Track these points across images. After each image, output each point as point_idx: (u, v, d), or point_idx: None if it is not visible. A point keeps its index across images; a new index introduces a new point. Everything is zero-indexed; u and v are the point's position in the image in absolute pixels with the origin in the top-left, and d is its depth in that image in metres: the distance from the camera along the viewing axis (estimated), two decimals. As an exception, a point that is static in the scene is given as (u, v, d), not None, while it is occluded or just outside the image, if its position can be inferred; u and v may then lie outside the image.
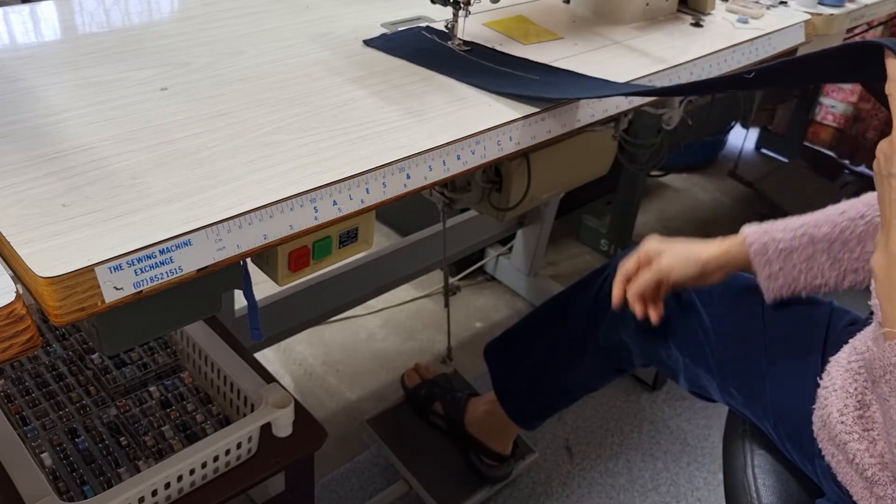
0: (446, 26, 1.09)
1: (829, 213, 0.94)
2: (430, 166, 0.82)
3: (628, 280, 1.04)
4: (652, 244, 1.03)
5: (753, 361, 0.97)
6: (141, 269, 0.63)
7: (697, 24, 1.25)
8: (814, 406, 0.86)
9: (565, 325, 1.22)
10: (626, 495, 1.49)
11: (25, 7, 1.07)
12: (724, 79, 0.85)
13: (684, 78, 1.11)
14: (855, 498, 0.78)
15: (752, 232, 0.97)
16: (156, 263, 0.64)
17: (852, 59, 0.78)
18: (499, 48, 1.07)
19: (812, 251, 0.93)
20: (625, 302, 1.05)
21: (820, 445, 0.83)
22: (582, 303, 1.19)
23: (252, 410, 0.96)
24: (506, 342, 1.35)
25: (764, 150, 2.83)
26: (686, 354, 1.04)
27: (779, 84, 0.90)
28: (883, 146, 0.72)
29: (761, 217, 0.99)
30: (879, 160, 0.73)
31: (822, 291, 0.94)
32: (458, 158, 0.85)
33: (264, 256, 0.83)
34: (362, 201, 0.77)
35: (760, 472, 0.93)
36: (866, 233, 0.90)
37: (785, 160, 2.75)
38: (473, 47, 1.06)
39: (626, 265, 1.04)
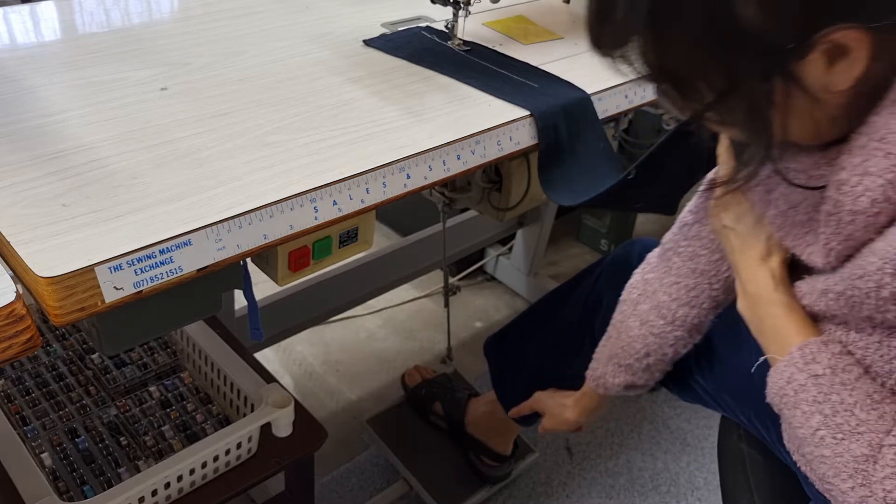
0: (446, 26, 1.09)
1: (618, 331, 1.02)
2: (430, 166, 0.82)
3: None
4: (540, 401, 1.18)
5: (742, 363, 0.97)
6: (141, 269, 0.63)
7: (697, 24, 1.25)
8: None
9: (562, 321, 1.22)
10: (626, 495, 1.49)
11: (25, 7, 1.07)
12: (614, 188, 0.93)
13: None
14: None
15: (591, 379, 1.07)
16: (156, 263, 0.64)
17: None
18: (499, 48, 1.07)
19: (628, 369, 1.01)
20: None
21: (793, 458, 0.82)
22: (578, 298, 1.20)
23: (252, 410, 0.96)
24: (504, 338, 1.35)
25: (764, 150, 2.82)
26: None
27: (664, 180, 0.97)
28: (714, 203, 0.80)
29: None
30: (713, 215, 0.82)
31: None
32: (458, 158, 0.85)
33: (264, 256, 0.83)
34: (362, 201, 0.77)
35: (756, 472, 0.93)
36: (637, 338, 0.98)
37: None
38: (473, 47, 1.06)
39: (520, 410, 1.23)
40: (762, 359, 0.79)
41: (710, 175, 0.87)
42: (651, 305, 0.95)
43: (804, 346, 0.72)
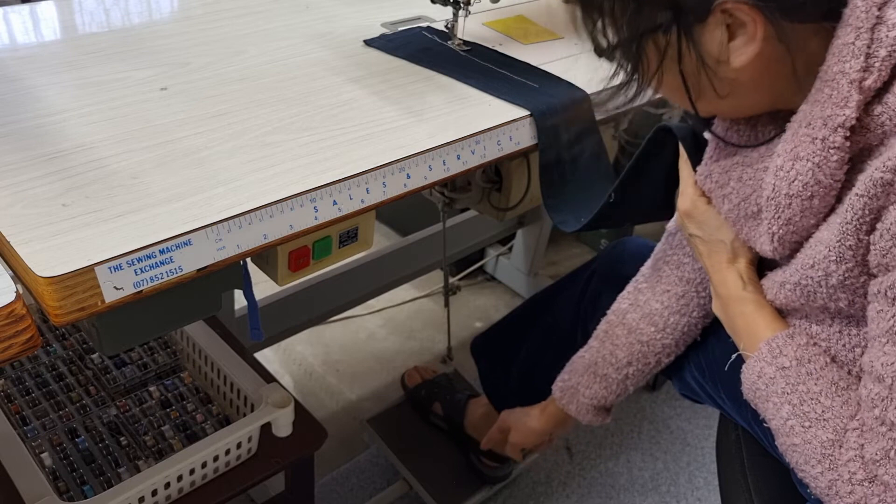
0: (446, 26, 1.09)
1: (601, 341, 1.02)
2: (430, 166, 0.82)
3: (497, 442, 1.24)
4: (505, 418, 1.21)
5: (739, 368, 0.97)
6: (141, 269, 0.63)
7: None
8: None
9: (554, 319, 1.22)
10: (626, 495, 1.49)
11: (25, 7, 1.07)
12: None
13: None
14: None
15: (558, 390, 1.07)
16: (156, 263, 0.64)
17: (661, 144, 0.90)
18: (499, 48, 1.07)
19: (603, 380, 1.02)
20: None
21: (786, 459, 0.82)
22: (570, 297, 1.20)
23: (252, 410, 0.96)
24: (494, 337, 1.35)
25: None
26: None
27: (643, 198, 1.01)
28: (678, 214, 0.85)
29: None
30: (680, 225, 0.86)
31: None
32: (458, 158, 0.85)
33: (264, 256, 0.83)
34: (362, 201, 0.77)
35: (754, 473, 0.92)
36: (622, 346, 0.99)
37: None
38: (473, 47, 1.06)
39: (491, 436, 1.24)
40: (735, 355, 0.82)
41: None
42: (641, 314, 0.97)
43: (771, 340, 0.75)
